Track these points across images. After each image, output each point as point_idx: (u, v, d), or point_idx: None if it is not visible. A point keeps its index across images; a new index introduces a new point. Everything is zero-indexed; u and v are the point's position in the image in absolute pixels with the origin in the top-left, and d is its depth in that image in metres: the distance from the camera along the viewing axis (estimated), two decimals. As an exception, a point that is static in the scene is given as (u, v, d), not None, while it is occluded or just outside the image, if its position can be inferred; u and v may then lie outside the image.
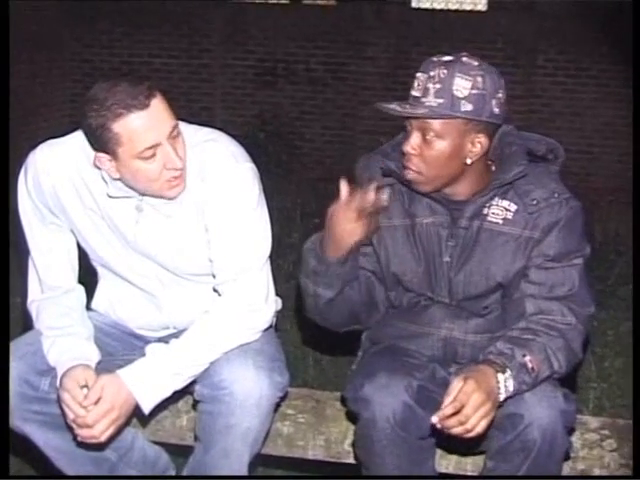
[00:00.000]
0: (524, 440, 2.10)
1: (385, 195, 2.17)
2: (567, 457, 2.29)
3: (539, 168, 2.28)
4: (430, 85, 2.12)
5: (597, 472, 2.39)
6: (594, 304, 2.30)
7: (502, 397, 2.07)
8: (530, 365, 2.12)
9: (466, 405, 1.99)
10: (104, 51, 8.68)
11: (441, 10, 8.57)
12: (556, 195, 2.25)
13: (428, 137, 2.15)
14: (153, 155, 2.09)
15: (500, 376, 2.07)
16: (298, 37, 8.46)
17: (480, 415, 2.00)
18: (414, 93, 2.16)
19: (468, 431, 2.01)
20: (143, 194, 2.21)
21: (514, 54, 8.04)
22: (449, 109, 2.11)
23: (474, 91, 2.11)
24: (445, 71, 2.12)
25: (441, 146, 2.16)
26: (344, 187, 2.15)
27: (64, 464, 2.37)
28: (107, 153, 2.11)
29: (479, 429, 2.01)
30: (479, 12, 8.58)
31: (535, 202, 2.24)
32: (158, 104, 2.08)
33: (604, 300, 4.54)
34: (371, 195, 2.11)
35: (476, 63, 2.15)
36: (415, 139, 2.17)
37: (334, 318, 2.37)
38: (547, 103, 8.17)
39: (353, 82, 8.47)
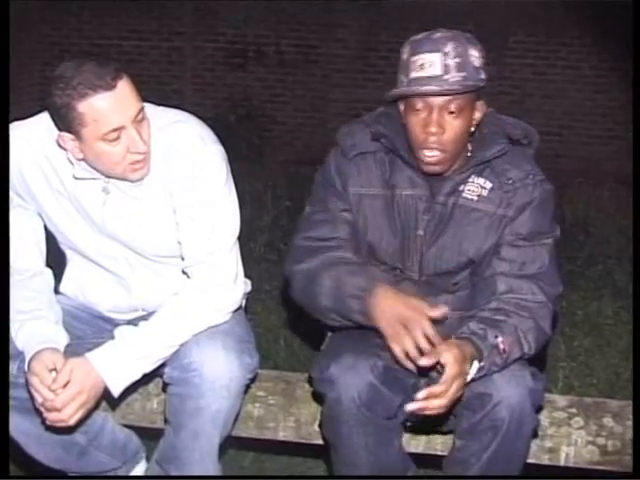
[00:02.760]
0: (493, 419, 2.12)
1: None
2: (535, 435, 2.32)
3: (516, 150, 2.32)
4: (449, 61, 2.13)
5: (565, 450, 2.42)
6: (562, 284, 2.33)
7: (469, 378, 2.09)
8: (502, 347, 2.14)
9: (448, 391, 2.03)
10: (73, 33, 8.61)
11: (411, -8, 8.56)
12: (531, 177, 2.29)
13: (451, 113, 2.17)
14: (117, 138, 2.08)
15: (475, 363, 2.09)
16: (269, 19, 8.43)
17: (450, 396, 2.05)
18: (429, 73, 2.14)
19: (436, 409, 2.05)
20: (108, 176, 2.20)
21: (484, 36, 8.02)
22: (474, 80, 2.16)
23: (482, 59, 2.18)
24: (458, 45, 2.15)
25: (462, 119, 2.19)
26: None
27: (34, 449, 2.36)
28: (71, 133, 2.09)
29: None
30: (449, -6, 8.58)
31: (511, 181, 2.28)
32: (124, 86, 2.06)
33: (573, 280, 4.58)
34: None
35: (468, 34, 2.21)
36: (439, 118, 2.17)
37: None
38: (517, 85, 8.20)
39: (324, 64, 8.47)
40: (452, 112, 2.17)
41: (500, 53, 8.01)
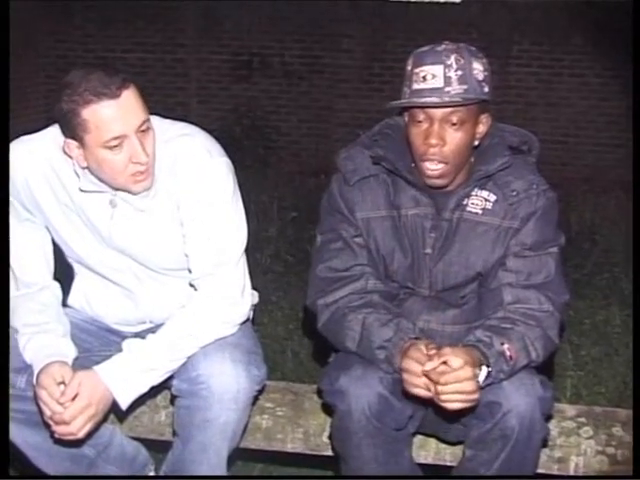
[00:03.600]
0: (503, 428, 2.12)
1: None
2: (545, 444, 2.31)
3: (517, 160, 2.31)
4: (451, 73, 2.14)
5: (574, 459, 2.42)
6: (569, 292, 2.32)
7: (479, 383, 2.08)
8: (508, 353, 2.13)
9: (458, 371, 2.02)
10: (78, 47, 8.62)
11: (415, 2, 8.56)
12: (534, 186, 2.29)
13: (452, 125, 2.17)
14: (119, 146, 2.09)
15: (484, 367, 2.08)
16: (273, 30, 8.44)
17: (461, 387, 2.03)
18: (431, 85, 2.14)
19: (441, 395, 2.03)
20: (113, 188, 2.20)
21: (488, 45, 8.02)
22: (475, 93, 2.15)
23: (486, 72, 2.18)
24: (461, 58, 2.15)
25: (463, 132, 2.19)
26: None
27: (42, 462, 2.36)
28: (75, 140, 2.11)
29: (454, 404, 2.04)
30: (453, 4, 8.59)
31: (515, 193, 2.27)
32: (130, 96, 2.07)
33: (580, 289, 4.57)
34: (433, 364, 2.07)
35: (473, 47, 2.21)
36: (440, 130, 2.17)
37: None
38: (522, 94, 8.18)
39: (328, 75, 8.46)
40: (454, 124, 2.17)
41: (504, 62, 8.01)
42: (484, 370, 2.08)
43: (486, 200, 2.29)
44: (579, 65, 8.12)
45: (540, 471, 2.38)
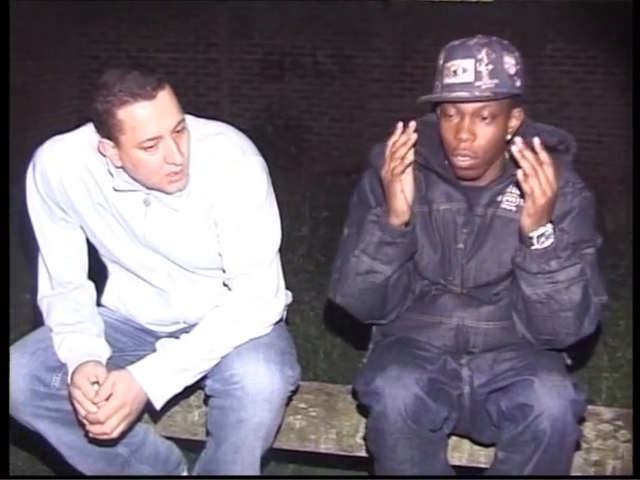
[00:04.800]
0: (534, 430, 2.10)
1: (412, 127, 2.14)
2: (578, 447, 2.28)
3: (553, 158, 2.27)
4: (482, 68, 2.13)
5: (611, 463, 2.38)
6: (607, 293, 2.29)
7: (543, 234, 2.14)
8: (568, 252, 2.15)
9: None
10: (111, 47, 8.67)
11: (447, 1, 8.53)
12: (570, 184, 2.27)
13: (483, 120, 2.15)
14: (154, 147, 2.08)
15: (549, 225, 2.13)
16: (304, 30, 8.43)
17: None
18: (462, 80, 2.14)
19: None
20: (147, 187, 2.20)
21: (522, 44, 7.96)
22: (507, 87, 2.14)
23: (518, 67, 2.17)
24: (492, 52, 2.14)
25: (495, 127, 2.18)
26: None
27: (77, 460, 2.37)
28: (110, 140, 2.11)
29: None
30: (485, 2, 8.54)
31: None
32: (165, 96, 2.07)
33: (616, 290, 4.51)
34: (402, 137, 2.12)
35: (505, 41, 2.20)
36: (470, 124, 2.16)
37: (370, 302, 2.34)
38: (556, 92, 8.11)
39: (360, 74, 8.44)
40: (485, 118, 2.16)
41: (538, 61, 7.95)
42: (549, 226, 2.12)
43: (520, 197, 2.27)
44: (613, 63, 8.03)
45: (576, 474, 2.35)
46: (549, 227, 2.13)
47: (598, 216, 2.34)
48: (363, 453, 2.46)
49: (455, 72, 2.14)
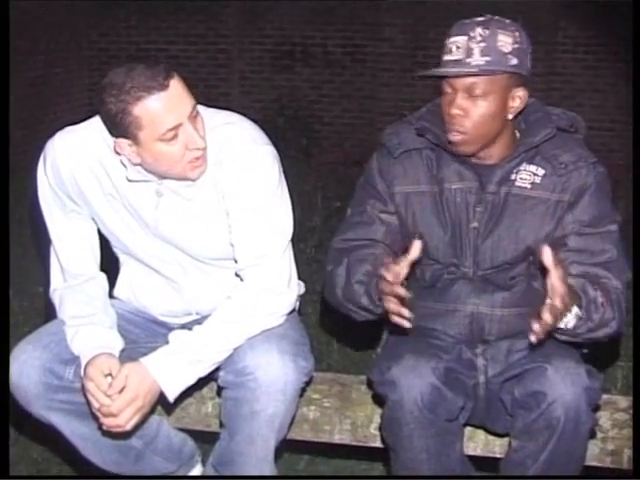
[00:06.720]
0: (548, 418, 2.09)
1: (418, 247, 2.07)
2: (593, 435, 2.27)
3: (564, 135, 2.30)
4: (474, 45, 2.13)
5: (627, 452, 2.36)
6: (630, 270, 2.29)
7: (570, 322, 2.09)
8: (600, 300, 2.12)
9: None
10: (121, 39, 8.67)
11: (458, -11, 8.50)
12: (583, 159, 2.27)
13: (474, 96, 2.16)
14: (175, 136, 2.07)
15: (575, 308, 2.08)
16: (315, 20, 8.41)
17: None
18: (455, 57, 2.15)
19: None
20: (163, 177, 2.19)
21: (533, 31, 7.92)
22: (498, 65, 2.13)
23: (516, 45, 2.15)
24: (486, 30, 2.14)
25: (487, 104, 2.17)
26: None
27: (91, 452, 2.37)
28: (127, 138, 2.09)
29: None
30: (497, -10, 8.50)
31: (564, 165, 2.25)
32: (177, 84, 2.06)
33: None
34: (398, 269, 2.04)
35: (508, 20, 2.19)
36: (461, 100, 2.17)
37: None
38: (568, 80, 8.08)
39: (371, 64, 8.42)
40: (476, 95, 2.16)
41: (550, 48, 7.91)
42: (574, 310, 2.07)
43: (534, 174, 2.27)
44: (626, 50, 7.99)
45: (592, 464, 2.34)
46: (573, 312, 2.09)
47: (613, 191, 2.33)
48: (378, 443, 2.45)
49: (450, 49, 2.16)
